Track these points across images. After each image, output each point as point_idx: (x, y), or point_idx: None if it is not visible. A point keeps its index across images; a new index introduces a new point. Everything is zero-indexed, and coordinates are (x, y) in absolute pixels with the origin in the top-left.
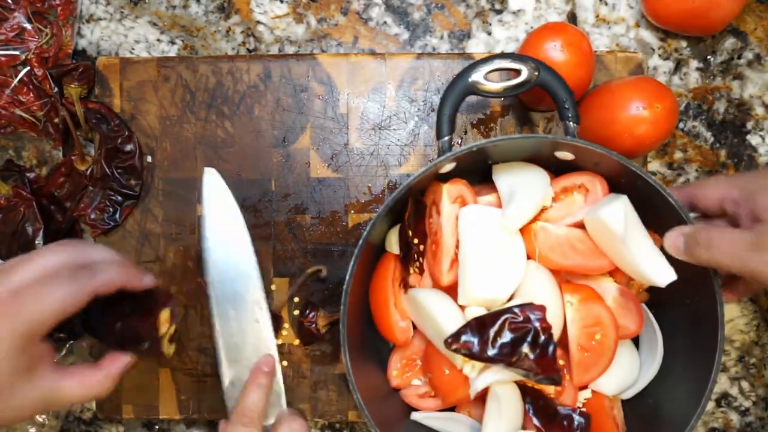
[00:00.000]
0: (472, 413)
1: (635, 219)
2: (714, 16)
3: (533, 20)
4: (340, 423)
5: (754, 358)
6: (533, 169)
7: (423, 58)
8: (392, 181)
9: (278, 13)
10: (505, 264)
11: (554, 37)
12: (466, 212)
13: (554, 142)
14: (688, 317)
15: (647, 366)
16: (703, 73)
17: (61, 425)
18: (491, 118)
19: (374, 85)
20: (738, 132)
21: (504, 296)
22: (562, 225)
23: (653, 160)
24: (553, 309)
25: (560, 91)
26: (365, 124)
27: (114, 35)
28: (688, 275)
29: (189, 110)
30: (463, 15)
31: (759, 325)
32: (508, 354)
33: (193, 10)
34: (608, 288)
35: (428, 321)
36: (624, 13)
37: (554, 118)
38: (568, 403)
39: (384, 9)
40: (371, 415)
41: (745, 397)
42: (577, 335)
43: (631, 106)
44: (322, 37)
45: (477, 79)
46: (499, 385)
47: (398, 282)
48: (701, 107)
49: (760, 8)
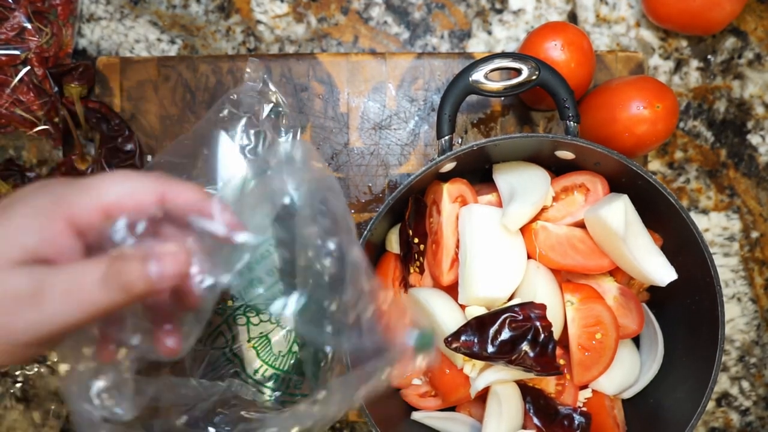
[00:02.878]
0: (473, 413)
1: (636, 218)
2: (714, 15)
3: (533, 20)
4: (341, 423)
5: (755, 357)
6: (534, 169)
7: (423, 57)
8: (392, 181)
9: (278, 12)
10: (505, 263)
11: (555, 37)
12: (467, 212)
13: (555, 141)
14: (689, 317)
15: (648, 365)
16: (703, 72)
17: (61, 426)
18: (491, 117)
19: (374, 85)
20: (738, 132)
21: (504, 295)
22: (563, 224)
23: (653, 160)
24: (554, 308)
25: (561, 91)
26: (365, 123)
27: (114, 35)
28: (689, 275)
29: (189, 110)
30: (463, 14)
31: (759, 325)
32: (508, 352)
33: (193, 10)
34: (609, 287)
35: (428, 321)
36: (624, 12)
37: (555, 117)
38: (569, 402)
39: (384, 8)
40: (372, 415)
41: (746, 397)
42: (578, 335)
43: (632, 105)
44: (322, 37)
45: (477, 78)
46: (500, 384)
47: (398, 281)
48: (701, 107)
49: (760, 8)
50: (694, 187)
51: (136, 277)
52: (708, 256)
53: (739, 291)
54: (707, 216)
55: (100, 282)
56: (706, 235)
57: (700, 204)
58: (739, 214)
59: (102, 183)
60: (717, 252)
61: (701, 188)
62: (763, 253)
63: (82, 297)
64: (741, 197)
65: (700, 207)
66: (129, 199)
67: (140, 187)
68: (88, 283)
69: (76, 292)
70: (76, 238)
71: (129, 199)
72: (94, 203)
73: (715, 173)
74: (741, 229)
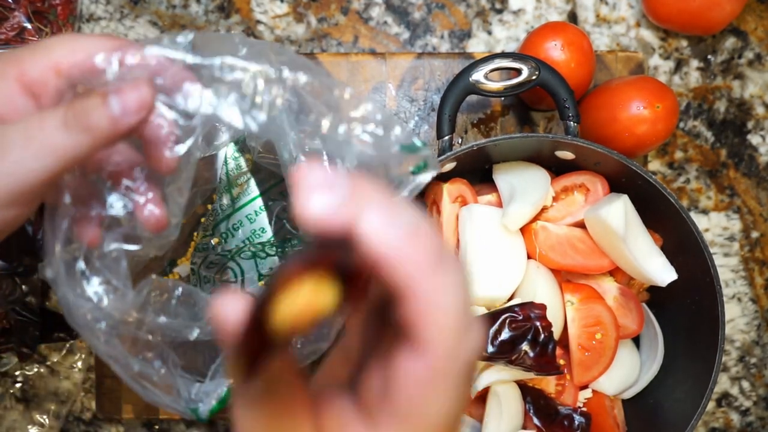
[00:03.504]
0: (473, 413)
1: (636, 218)
2: (714, 15)
3: (534, 20)
4: None
5: (755, 357)
6: (534, 169)
7: (423, 57)
8: None
9: (278, 12)
10: (505, 263)
11: (555, 37)
12: (467, 212)
13: (555, 141)
14: (689, 317)
15: (648, 366)
16: (703, 72)
17: (61, 426)
18: (491, 117)
19: (374, 85)
20: (738, 132)
21: (504, 296)
22: (563, 224)
23: (654, 160)
24: (554, 308)
25: (561, 91)
26: None
27: (114, 34)
28: (689, 275)
29: None
30: (463, 14)
31: (759, 325)
32: (508, 352)
33: (193, 10)
34: (609, 287)
35: None
36: (624, 12)
37: (555, 117)
38: (569, 402)
39: (384, 8)
40: None
41: (746, 397)
42: (578, 335)
43: (632, 105)
44: (322, 37)
45: (477, 78)
46: (500, 384)
47: None
48: (702, 107)
49: (760, 8)
50: (694, 187)
51: (99, 115)
52: (708, 256)
53: (740, 291)
54: (707, 216)
55: (62, 125)
56: (706, 235)
57: (700, 204)
58: (739, 214)
59: (53, 42)
60: (717, 252)
61: (701, 188)
62: (763, 253)
63: (45, 142)
64: (741, 197)
65: (700, 207)
66: (81, 56)
67: (92, 46)
68: (48, 127)
69: (37, 138)
70: (30, 97)
71: (81, 57)
72: (45, 62)
73: (715, 173)
74: (741, 229)
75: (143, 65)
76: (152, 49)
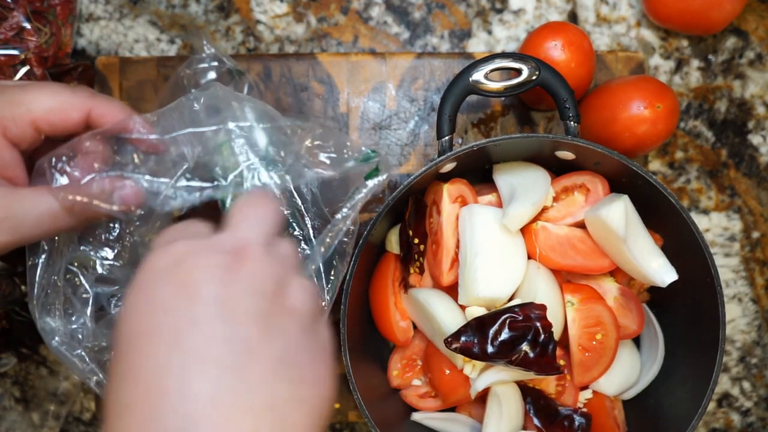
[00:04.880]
0: (473, 413)
1: (636, 219)
2: (715, 15)
3: (534, 19)
4: (341, 423)
5: (756, 358)
6: (534, 169)
7: (423, 57)
8: (392, 181)
9: (278, 12)
10: (505, 264)
11: (555, 37)
12: (467, 212)
13: (555, 141)
14: (689, 317)
15: (648, 366)
16: (704, 72)
17: (61, 426)
18: (492, 117)
19: (374, 85)
20: (739, 132)
21: (505, 296)
22: (563, 225)
23: (654, 160)
24: (554, 309)
25: (561, 91)
26: (365, 123)
27: (113, 34)
28: (689, 275)
29: None
30: (463, 14)
31: (760, 326)
32: (508, 352)
33: (192, 10)
34: (609, 288)
35: (428, 321)
36: (625, 12)
37: (555, 117)
38: (569, 403)
39: (384, 8)
40: (371, 416)
41: (747, 398)
42: (578, 335)
43: (632, 105)
44: (322, 37)
45: (477, 78)
46: (500, 385)
47: (398, 282)
48: (702, 107)
49: (761, 8)
50: (694, 187)
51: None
52: (708, 257)
53: (740, 291)
54: (708, 216)
55: (68, 211)
56: (707, 235)
57: (700, 204)
58: (740, 214)
59: (32, 97)
60: (717, 252)
61: (702, 188)
62: (763, 254)
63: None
64: (742, 197)
65: (700, 207)
66: (57, 114)
67: (68, 103)
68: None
69: (46, 222)
70: (13, 149)
71: (57, 114)
72: (24, 117)
73: (715, 173)
74: (742, 230)
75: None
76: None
